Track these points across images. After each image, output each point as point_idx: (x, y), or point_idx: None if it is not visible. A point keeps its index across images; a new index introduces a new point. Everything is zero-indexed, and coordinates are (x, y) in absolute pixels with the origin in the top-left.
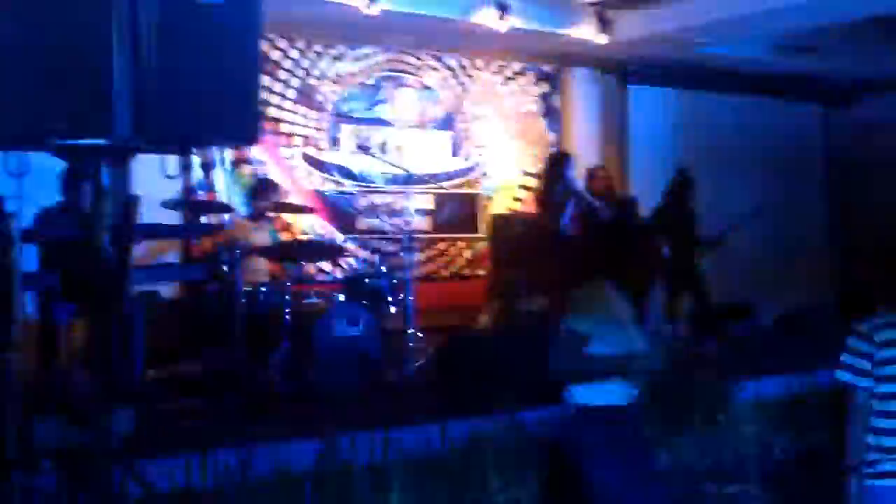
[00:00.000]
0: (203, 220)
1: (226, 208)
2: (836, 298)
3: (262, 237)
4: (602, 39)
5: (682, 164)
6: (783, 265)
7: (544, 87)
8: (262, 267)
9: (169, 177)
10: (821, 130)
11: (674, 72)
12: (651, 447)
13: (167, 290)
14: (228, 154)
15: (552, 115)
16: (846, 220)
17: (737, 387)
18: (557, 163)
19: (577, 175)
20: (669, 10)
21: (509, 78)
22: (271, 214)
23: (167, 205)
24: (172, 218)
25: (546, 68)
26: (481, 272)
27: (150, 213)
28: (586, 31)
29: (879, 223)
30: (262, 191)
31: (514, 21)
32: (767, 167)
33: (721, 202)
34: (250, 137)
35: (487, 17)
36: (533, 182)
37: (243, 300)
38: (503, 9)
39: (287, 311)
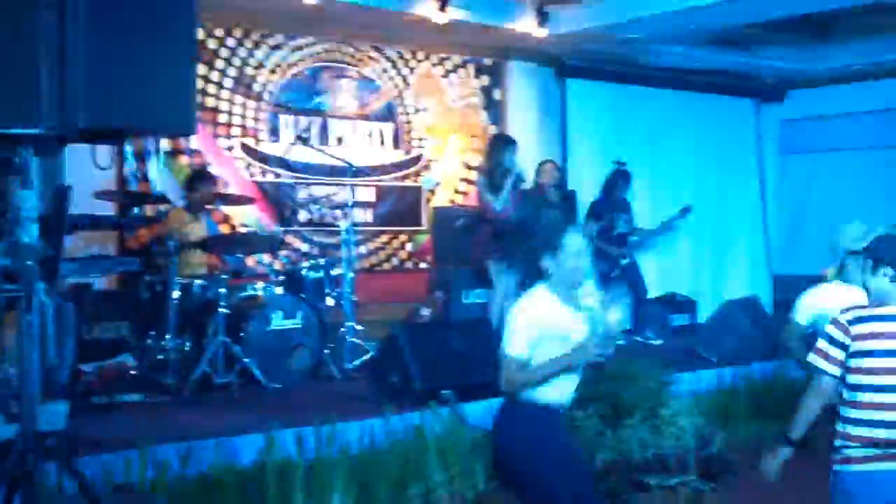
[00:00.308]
0: (138, 211)
1: (161, 199)
2: (772, 290)
3: (199, 229)
4: (541, 33)
5: (620, 158)
6: (722, 258)
7: (485, 80)
8: (199, 259)
9: (101, 167)
10: (754, 125)
11: (610, 66)
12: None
13: (101, 282)
14: (164, 144)
15: (493, 107)
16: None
17: (676, 379)
18: (498, 144)
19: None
20: (605, 6)
21: (450, 70)
22: (209, 206)
23: (101, 195)
24: (107, 209)
25: (486, 61)
26: (424, 265)
27: (84, 203)
28: (525, 25)
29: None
30: (198, 182)
31: (453, 13)
32: (703, 161)
33: (658, 196)
34: (186, 128)
35: (427, 9)
36: (474, 175)
37: (179, 292)
38: (443, 0)
39: (224, 303)
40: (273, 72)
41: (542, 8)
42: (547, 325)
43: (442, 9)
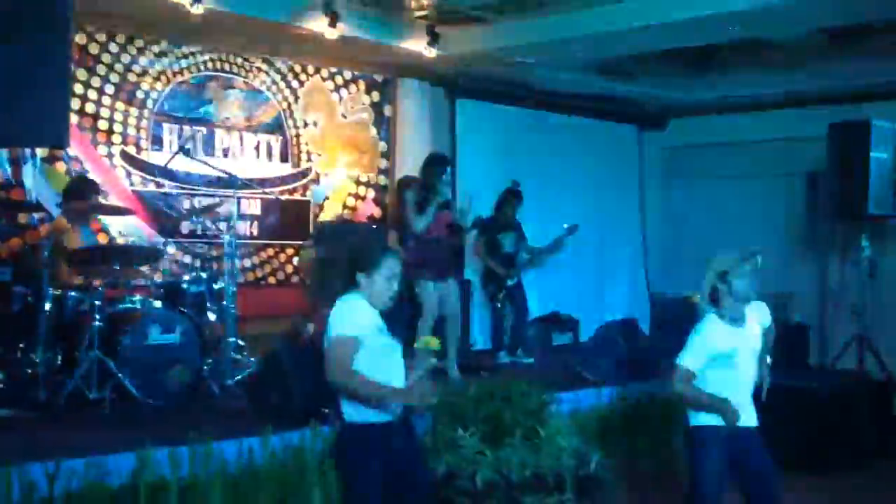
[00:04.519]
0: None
1: (36, 207)
2: (651, 312)
3: (75, 239)
4: (431, 53)
5: (508, 178)
6: (603, 278)
7: (375, 96)
8: (74, 270)
9: None
10: (637, 150)
11: (500, 88)
12: (422, 460)
13: None
14: (40, 150)
15: (383, 124)
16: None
17: (556, 398)
18: (432, 164)
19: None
20: (494, 29)
21: (340, 85)
22: (87, 215)
23: None
24: None
25: (377, 77)
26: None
27: None
28: (416, 45)
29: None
30: (76, 190)
31: (344, 30)
32: (588, 183)
33: (544, 217)
34: (58, 141)
35: (317, 24)
36: (363, 190)
37: (51, 304)
38: (334, 17)
39: (98, 316)
40: (157, 79)
41: (433, 28)
42: (367, 331)
43: (332, 25)
